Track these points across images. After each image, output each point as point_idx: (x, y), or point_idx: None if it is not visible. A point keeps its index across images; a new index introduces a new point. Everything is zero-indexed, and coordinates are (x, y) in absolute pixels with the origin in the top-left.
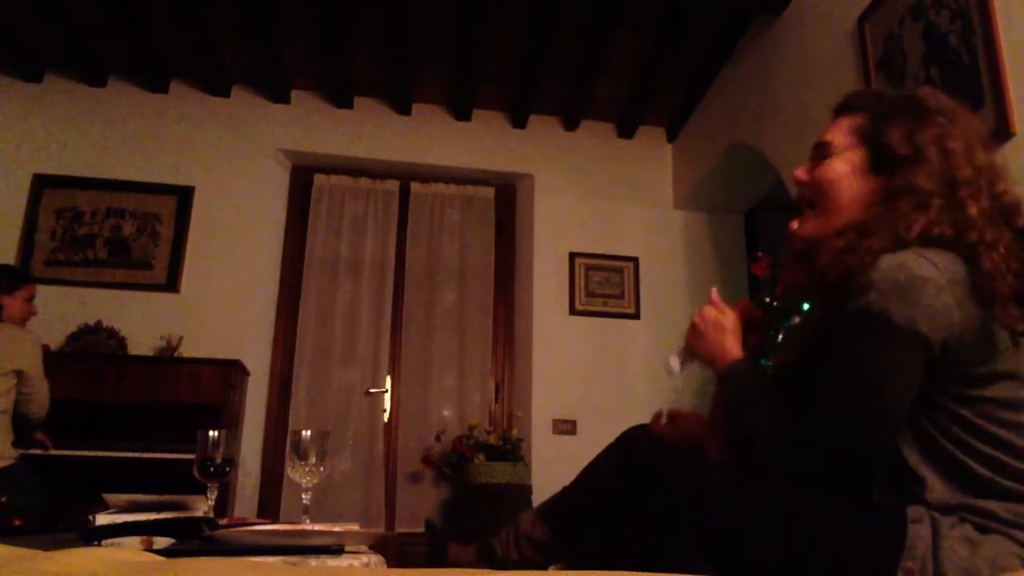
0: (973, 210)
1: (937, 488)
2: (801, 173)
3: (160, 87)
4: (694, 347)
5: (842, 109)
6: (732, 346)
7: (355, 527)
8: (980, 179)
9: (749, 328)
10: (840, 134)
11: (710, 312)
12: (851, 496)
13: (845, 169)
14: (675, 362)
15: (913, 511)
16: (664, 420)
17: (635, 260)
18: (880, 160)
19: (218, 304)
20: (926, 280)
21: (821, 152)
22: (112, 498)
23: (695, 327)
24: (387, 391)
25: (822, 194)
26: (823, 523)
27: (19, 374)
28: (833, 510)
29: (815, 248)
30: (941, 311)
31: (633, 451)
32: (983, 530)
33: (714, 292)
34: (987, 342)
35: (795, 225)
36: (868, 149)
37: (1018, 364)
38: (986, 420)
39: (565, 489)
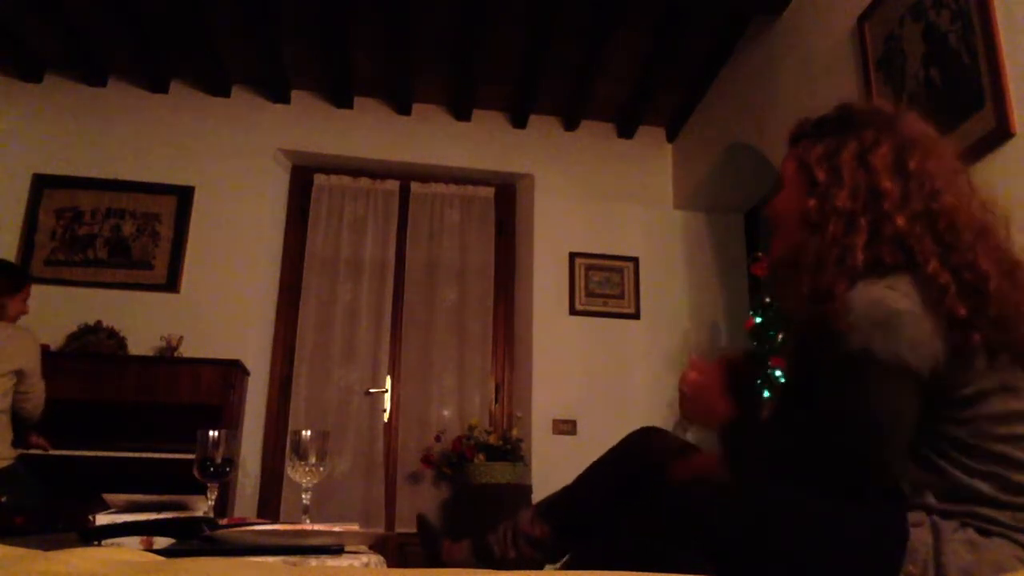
0: (900, 221)
1: (935, 504)
2: (767, 208)
3: (160, 87)
4: (687, 415)
5: (793, 139)
6: (722, 405)
7: (355, 527)
8: (910, 185)
9: (736, 376)
10: (789, 164)
11: (693, 377)
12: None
13: (790, 197)
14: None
15: (914, 515)
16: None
17: (635, 260)
18: (810, 184)
19: (218, 304)
20: (903, 313)
21: (777, 184)
22: (112, 498)
23: (683, 395)
24: (387, 391)
25: (776, 224)
26: (824, 526)
27: (18, 373)
28: (834, 513)
29: (779, 281)
30: (924, 341)
31: (637, 453)
32: (985, 533)
33: (693, 357)
34: (968, 363)
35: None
36: (803, 175)
37: (1005, 377)
38: (982, 438)
39: (567, 488)
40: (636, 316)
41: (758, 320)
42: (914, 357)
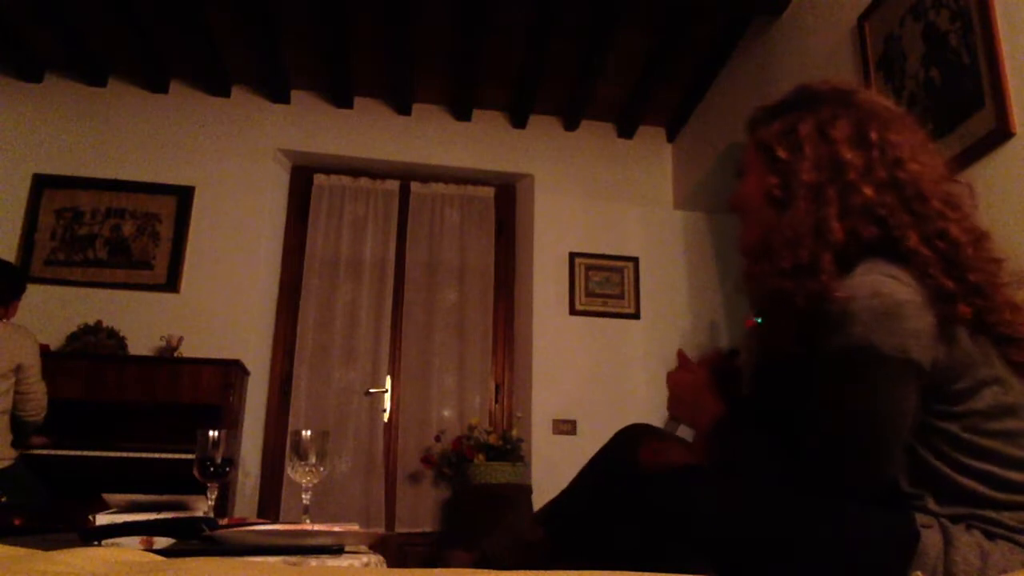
0: (867, 191)
1: (934, 506)
2: (730, 200)
3: (160, 87)
4: (675, 414)
5: (750, 126)
6: (710, 403)
7: (355, 527)
8: (872, 154)
9: (724, 375)
10: (749, 150)
11: (680, 375)
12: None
13: (752, 181)
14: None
15: (923, 518)
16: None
17: (635, 260)
18: (771, 162)
19: (218, 304)
20: (904, 303)
21: (738, 174)
22: (112, 498)
23: (671, 394)
24: (387, 391)
25: (742, 210)
26: (830, 528)
27: (18, 371)
28: (840, 514)
29: (753, 266)
30: (926, 332)
31: (624, 451)
32: (990, 537)
33: (680, 352)
34: (958, 348)
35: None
36: (763, 156)
37: (995, 367)
38: (974, 433)
39: (562, 493)
40: (636, 316)
41: (758, 320)
42: (917, 349)
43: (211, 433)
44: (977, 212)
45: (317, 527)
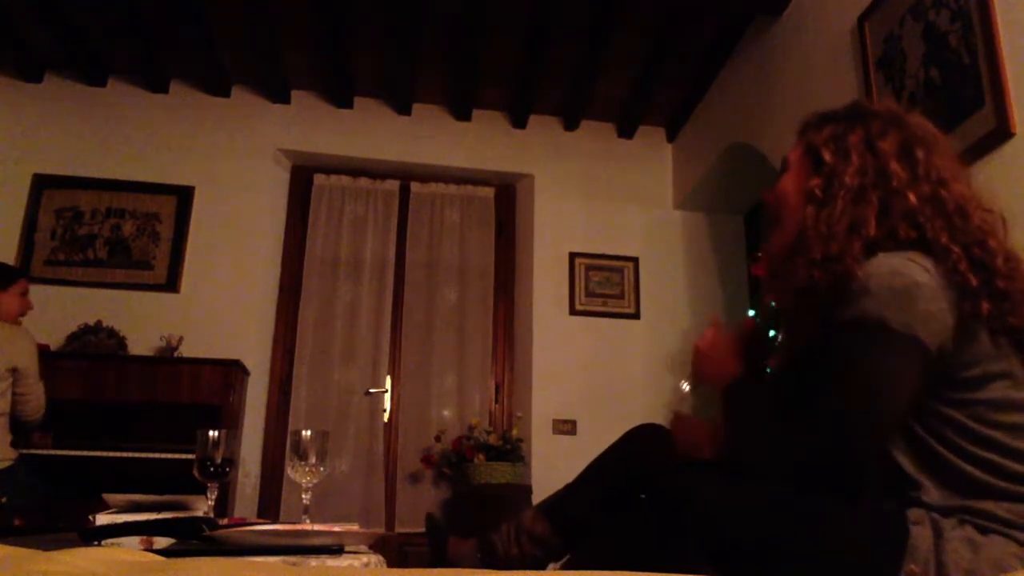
0: (912, 198)
1: (934, 492)
2: (766, 195)
3: (160, 87)
4: (699, 371)
5: (800, 131)
6: (733, 366)
7: (355, 527)
8: (918, 171)
9: (751, 346)
10: (795, 151)
11: (711, 336)
12: (848, 500)
13: (795, 179)
14: (685, 387)
15: (914, 513)
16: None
17: (635, 260)
18: (816, 165)
19: (218, 304)
20: (921, 285)
21: (781, 170)
22: (112, 498)
23: (698, 351)
24: (387, 391)
25: (779, 207)
26: (824, 525)
27: (14, 372)
28: (834, 512)
29: (785, 264)
30: (937, 316)
31: (636, 450)
32: (983, 531)
33: (715, 316)
34: (975, 344)
35: (767, 246)
36: (810, 158)
37: (1010, 364)
38: (979, 423)
39: (567, 487)
40: (636, 316)
41: (758, 320)
42: (925, 331)
43: (211, 433)
44: (1009, 239)
45: (317, 527)
